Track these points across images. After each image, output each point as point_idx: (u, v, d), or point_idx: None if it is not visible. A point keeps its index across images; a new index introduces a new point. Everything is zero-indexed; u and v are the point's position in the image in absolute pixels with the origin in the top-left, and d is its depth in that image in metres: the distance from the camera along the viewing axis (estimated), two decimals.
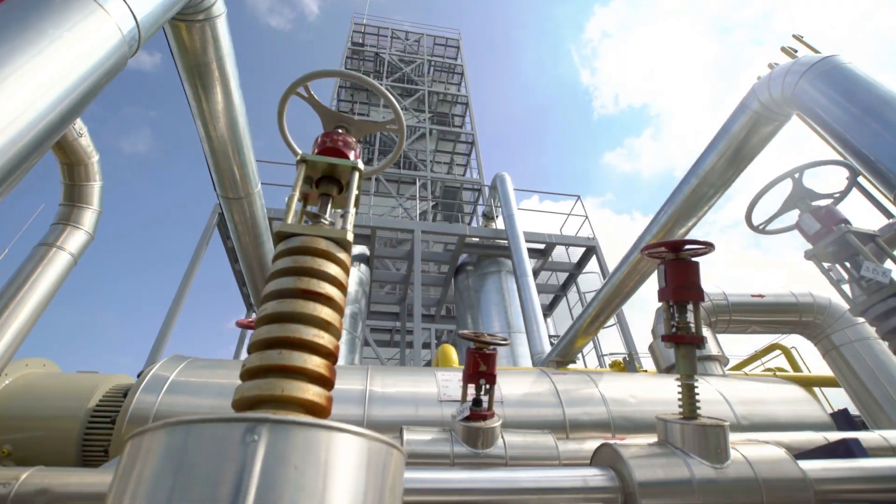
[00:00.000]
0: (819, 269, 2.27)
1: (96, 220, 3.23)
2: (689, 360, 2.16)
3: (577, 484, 1.86)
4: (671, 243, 2.23)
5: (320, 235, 1.42)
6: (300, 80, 1.81)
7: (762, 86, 3.90)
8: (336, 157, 1.72)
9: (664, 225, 5.04)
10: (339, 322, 1.35)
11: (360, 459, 1.00)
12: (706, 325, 4.54)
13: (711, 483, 1.87)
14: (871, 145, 3.05)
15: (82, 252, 3.10)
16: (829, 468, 2.15)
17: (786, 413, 3.73)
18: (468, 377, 2.61)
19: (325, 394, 1.21)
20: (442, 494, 1.74)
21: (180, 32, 3.17)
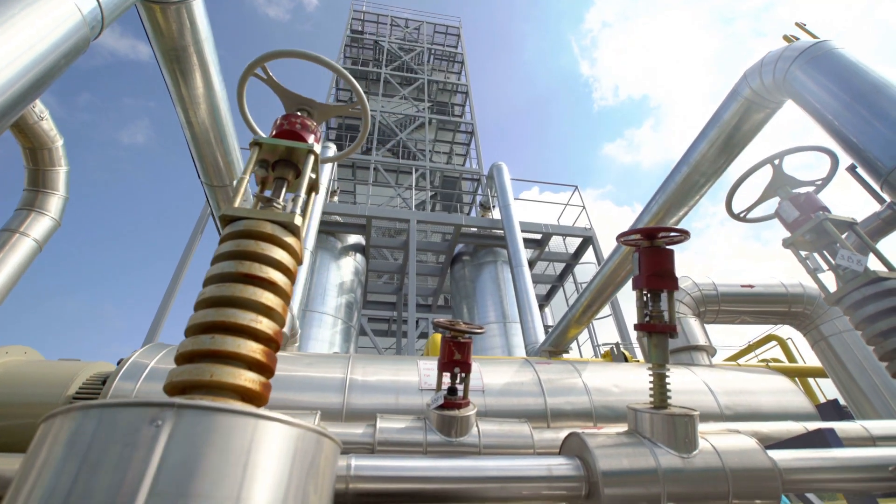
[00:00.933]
0: (797, 258, 2.22)
1: (63, 205, 3.20)
2: (660, 350, 2.13)
3: (541, 473, 1.84)
4: (646, 230, 2.18)
5: (266, 219, 1.38)
6: (257, 61, 1.76)
7: (754, 72, 3.82)
8: (293, 140, 1.68)
9: (655, 214, 4.98)
10: (282, 307, 1.32)
11: (281, 447, 0.98)
12: (695, 315, 4.50)
13: (677, 472, 1.85)
14: (860, 133, 2.99)
15: (48, 238, 3.08)
16: (801, 458, 2.13)
17: (770, 403, 3.71)
18: (443, 366, 2.59)
19: (260, 380, 1.18)
20: (401, 482, 1.72)
21: (155, 15, 3.11)
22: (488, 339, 8.99)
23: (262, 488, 0.91)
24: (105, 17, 2.30)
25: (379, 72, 16.41)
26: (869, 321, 1.88)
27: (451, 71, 19.38)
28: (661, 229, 2.17)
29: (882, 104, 2.91)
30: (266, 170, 1.68)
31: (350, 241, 9.77)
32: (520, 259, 8.48)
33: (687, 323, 4.37)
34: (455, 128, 16.69)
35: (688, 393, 3.68)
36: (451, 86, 18.31)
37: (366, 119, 1.98)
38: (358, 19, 18.82)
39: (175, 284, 7.65)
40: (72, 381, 3.09)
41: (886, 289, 1.86)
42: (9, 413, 2.80)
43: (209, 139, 3.91)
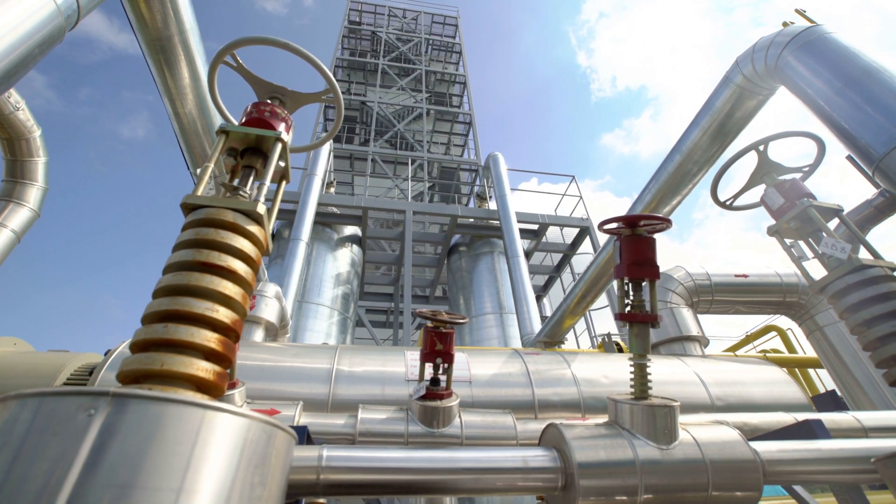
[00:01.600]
0: (781, 246, 2.18)
1: (42, 196, 3.17)
2: (641, 340, 2.09)
3: (516, 464, 1.82)
4: (627, 218, 2.15)
5: (227, 207, 1.35)
6: (225, 49, 1.72)
7: (745, 58, 3.76)
8: (261, 128, 1.65)
9: (648, 203, 4.94)
10: (242, 296, 1.30)
11: (228, 438, 0.95)
12: (687, 306, 4.47)
13: (655, 464, 1.82)
14: (851, 118, 2.93)
15: (26, 229, 3.05)
16: (784, 449, 2.10)
17: (763, 394, 3.68)
18: (424, 356, 2.56)
19: (215, 369, 1.16)
20: (373, 473, 1.71)
21: (138, 5, 3.06)
22: (485, 329, 8.98)
23: (206, 479, 0.89)
24: (81, 7, 2.26)
25: (377, 62, 16.28)
26: (852, 310, 1.85)
27: (449, 61, 19.22)
28: (642, 217, 2.14)
29: (873, 89, 2.85)
30: (235, 158, 1.65)
31: (346, 232, 9.74)
32: (516, 249, 8.45)
33: (679, 313, 4.34)
34: (453, 118, 16.59)
35: (679, 384, 3.66)
36: (449, 76, 18.17)
37: (339, 107, 1.94)
38: (355, 10, 18.65)
39: None
40: (59, 373, 3.09)
41: (870, 277, 1.82)
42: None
43: (197, 130, 3.87)
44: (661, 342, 4.30)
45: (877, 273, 1.82)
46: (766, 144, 2.30)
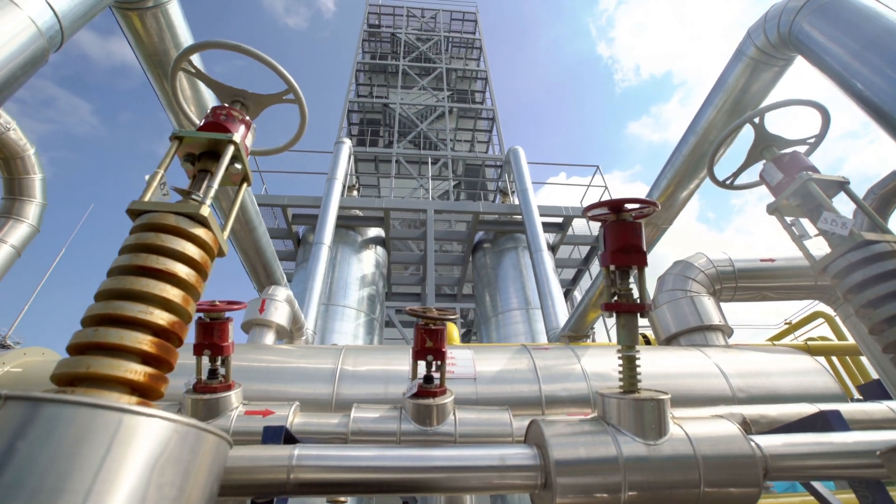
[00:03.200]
0: (781, 225, 2.02)
1: (41, 212, 3.35)
2: (628, 331, 1.99)
3: (492, 462, 1.77)
4: (611, 202, 2.05)
5: (169, 211, 1.37)
6: (181, 56, 1.75)
7: (757, 29, 3.53)
8: (216, 131, 1.66)
9: (665, 189, 4.74)
10: (183, 298, 1.30)
11: (141, 440, 0.95)
12: (709, 294, 4.24)
13: (640, 461, 1.73)
14: (872, 83, 2.70)
15: (26, 244, 3.23)
16: (791, 443, 1.95)
17: (790, 385, 3.45)
18: (415, 354, 2.54)
19: (148, 371, 1.17)
20: (344, 472, 1.70)
21: (133, 22, 3.17)
22: (511, 326, 8.87)
23: (118, 481, 0.90)
24: (65, 28, 2.35)
25: (397, 64, 16.38)
26: (856, 290, 1.69)
27: (470, 58, 19.09)
28: (626, 200, 2.03)
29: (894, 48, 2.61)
30: (192, 163, 1.67)
31: (370, 234, 9.84)
32: (539, 243, 8.30)
33: (700, 302, 4.12)
34: (476, 115, 16.47)
35: (697, 376, 3.47)
36: (471, 73, 18.05)
37: (301, 106, 1.94)
38: (374, 13, 18.82)
39: None
40: None
41: (875, 253, 1.66)
42: None
43: None
44: (681, 332, 4.10)
45: (882, 249, 1.66)
46: (761, 116, 2.13)
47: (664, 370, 3.52)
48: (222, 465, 1.18)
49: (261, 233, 5.05)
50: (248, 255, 5.17)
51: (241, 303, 2.58)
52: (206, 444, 1.08)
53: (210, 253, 1.45)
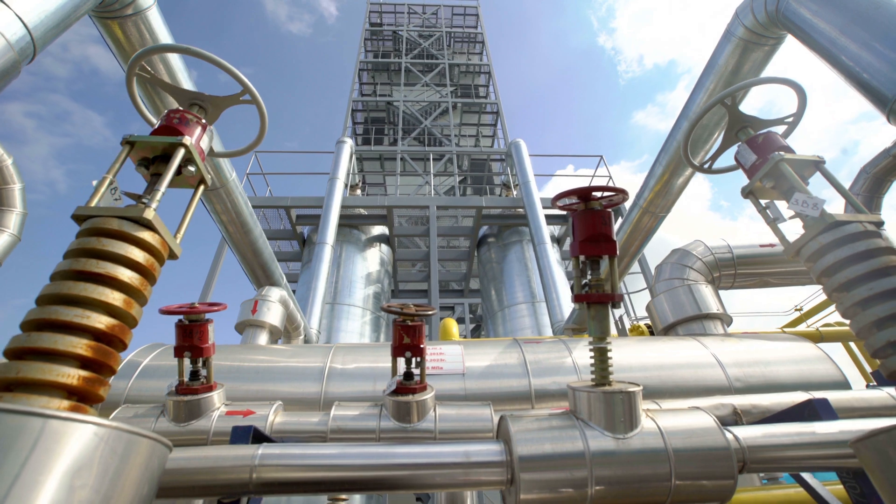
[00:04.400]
0: (756, 208, 1.95)
1: (21, 221, 3.41)
2: (599, 322, 1.95)
3: (457, 459, 1.75)
4: (579, 191, 2.00)
5: (112, 215, 1.37)
6: (134, 62, 1.75)
7: (745, 8, 3.43)
8: (168, 135, 1.66)
9: (660, 176, 4.64)
10: (125, 302, 1.31)
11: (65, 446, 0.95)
12: (707, 282, 4.15)
13: (608, 455, 1.69)
14: (859, 58, 2.60)
15: (7, 253, 3.29)
16: (771, 434, 1.90)
17: (790, 373, 3.36)
18: (394, 350, 2.53)
19: (85, 375, 1.17)
20: (306, 471, 1.69)
21: (114, 31, 3.20)
22: (517, 319, 8.82)
23: (36, 490, 0.90)
24: (36, 40, 2.37)
25: (399, 62, 16.35)
26: (828, 273, 1.62)
27: (473, 52, 18.97)
28: (594, 188, 1.98)
29: (882, 22, 2.51)
30: (147, 168, 1.67)
31: (374, 232, 9.87)
32: (542, 236, 8.22)
33: (698, 290, 4.02)
34: (480, 109, 16.37)
35: (692, 367, 3.41)
36: (474, 67, 17.94)
37: (259, 107, 1.93)
38: (376, 11, 18.80)
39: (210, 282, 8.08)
40: None
41: (846, 234, 1.59)
42: None
43: None
44: (678, 322, 4.02)
45: (854, 229, 1.58)
46: (733, 97, 2.06)
47: (659, 361, 3.45)
48: (158, 468, 1.18)
49: (256, 234, 5.09)
50: (246, 257, 5.22)
51: (221, 304, 2.59)
52: (137, 449, 1.08)
53: (158, 256, 1.45)
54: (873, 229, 1.60)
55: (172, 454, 1.56)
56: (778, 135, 1.99)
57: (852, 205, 1.73)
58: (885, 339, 1.45)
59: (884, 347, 1.47)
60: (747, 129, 2.09)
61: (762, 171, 1.87)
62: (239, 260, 5.28)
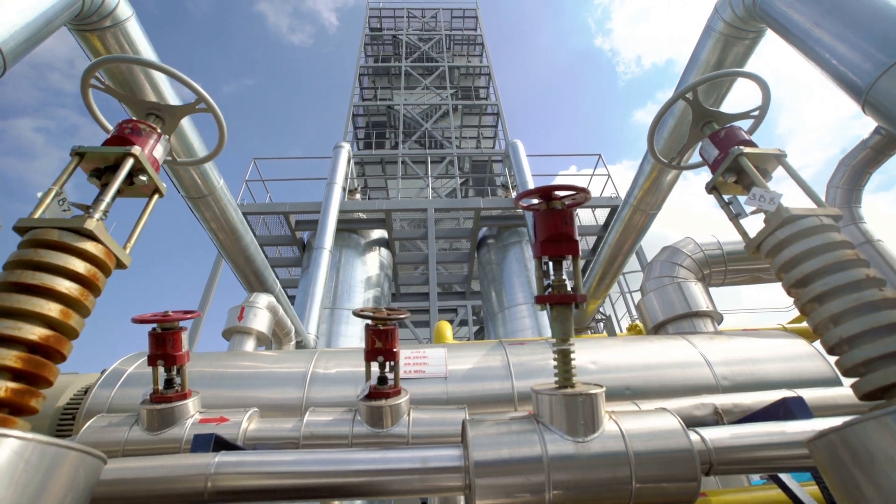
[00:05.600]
0: (719, 203, 1.91)
1: None
2: (561, 323, 1.93)
3: (415, 465, 1.73)
4: (542, 189, 1.98)
5: (51, 226, 1.38)
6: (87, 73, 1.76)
7: (724, 2, 3.39)
8: (119, 145, 1.67)
9: (649, 174, 4.59)
10: (62, 313, 1.31)
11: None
12: (697, 280, 4.09)
13: (566, 459, 1.66)
14: (834, 49, 2.55)
15: None
16: (739, 434, 1.86)
17: (779, 371, 3.30)
18: (367, 355, 2.52)
19: (14, 387, 1.17)
20: (262, 478, 1.68)
21: (93, 42, 3.25)
22: (518, 321, 8.77)
23: None
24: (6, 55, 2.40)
25: (399, 65, 16.40)
26: (786, 268, 1.57)
27: (472, 54, 18.97)
28: (555, 187, 1.96)
29: (854, 12, 2.47)
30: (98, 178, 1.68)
31: (374, 236, 9.88)
32: None
33: (688, 288, 3.96)
34: (481, 111, 16.36)
35: (680, 366, 3.35)
36: (474, 69, 17.93)
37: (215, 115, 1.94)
38: (375, 17, 18.88)
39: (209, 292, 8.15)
40: (62, 394, 3.35)
41: (803, 228, 1.55)
42: None
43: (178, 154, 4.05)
44: (668, 320, 3.97)
45: (811, 223, 1.54)
46: (694, 91, 2.02)
47: (645, 360, 3.41)
48: (86, 481, 1.17)
49: (248, 241, 5.12)
50: (238, 264, 5.25)
51: (195, 312, 2.60)
52: (63, 462, 1.08)
53: (102, 266, 1.45)
54: (830, 223, 1.56)
55: (118, 464, 1.56)
56: (740, 129, 1.95)
57: (814, 199, 1.69)
58: (840, 335, 1.41)
59: (839, 344, 1.42)
60: (712, 124, 2.06)
61: (723, 165, 1.83)
62: (231, 267, 5.31)
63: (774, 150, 1.82)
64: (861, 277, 1.43)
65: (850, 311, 1.41)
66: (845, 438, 1.24)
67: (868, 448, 1.19)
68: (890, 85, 2.28)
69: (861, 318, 1.38)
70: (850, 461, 1.22)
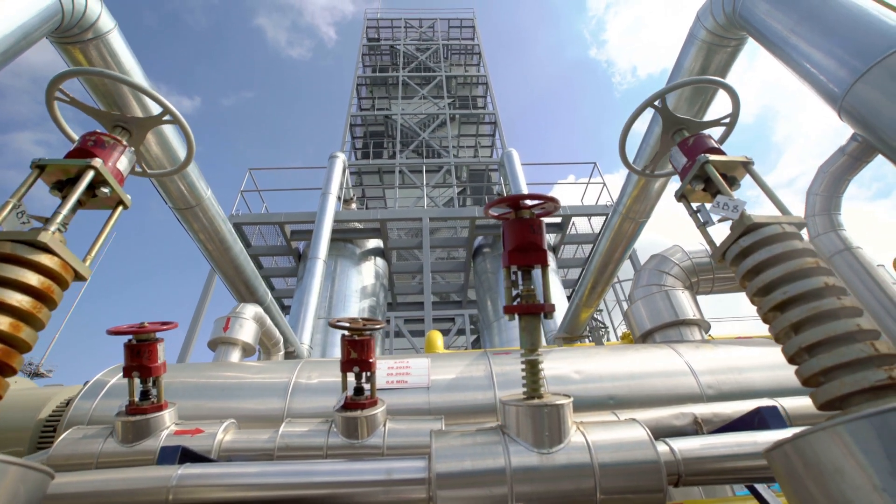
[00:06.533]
0: (688, 211, 1.90)
1: None
2: (529, 333, 1.92)
3: (379, 476, 1.71)
4: (510, 198, 1.97)
5: (5, 239, 1.38)
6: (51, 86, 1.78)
7: (705, 11, 3.41)
8: (80, 157, 1.68)
9: (637, 182, 4.58)
10: (12, 325, 1.30)
11: None
12: (685, 288, 4.06)
13: (530, 471, 1.65)
14: (809, 56, 2.56)
15: None
16: (711, 445, 1.84)
17: (765, 379, 3.26)
18: (342, 366, 2.50)
19: None
20: (224, 490, 1.67)
21: (75, 55, 3.27)
22: (513, 329, 8.73)
23: None
24: None
25: (397, 75, 16.53)
26: (748, 277, 1.57)
27: (470, 63, 19.12)
28: (523, 196, 1.95)
29: (830, 18, 2.47)
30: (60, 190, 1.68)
31: (369, 245, 9.89)
32: None
33: (675, 296, 3.94)
34: (479, 120, 16.44)
35: (665, 375, 3.33)
36: (471, 78, 18.06)
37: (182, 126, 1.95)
38: (373, 27, 19.08)
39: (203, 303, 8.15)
40: (44, 406, 3.34)
41: (764, 237, 1.54)
42: None
43: (163, 166, 4.07)
44: (655, 328, 3.94)
45: (773, 231, 1.53)
46: (662, 99, 2.02)
47: (630, 370, 3.38)
48: (27, 496, 1.16)
49: (237, 251, 5.13)
50: (227, 274, 5.25)
51: (172, 323, 2.60)
52: (4, 478, 1.07)
53: (58, 279, 1.45)
54: (793, 230, 1.55)
55: (74, 478, 1.55)
56: (709, 137, 1.95)
57: (779, 208, 1.68)
58: (798, 344, 1.39)
59: (799, 353, 1.41)
60: (682, 132, 2.06)
61: (690, 173, 1.83)
62: (221, 277, 5.32)
63: (741, 158, 1.81)
64: (820, 286, 1.41)
65: (808, 319, 1.40)
66: (798, 448, 1.22)
67: (820, 458, 1.17)
68: (864, 91, 2.28)
69: (819, 327, 1.37)
70: (803, 472, 1.20)
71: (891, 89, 2.21)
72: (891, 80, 2.21)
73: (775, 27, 2.78)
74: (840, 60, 2.40)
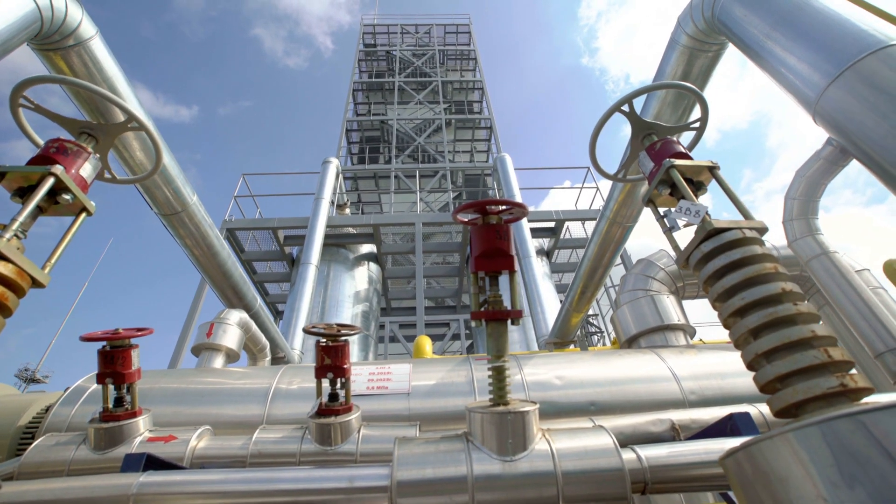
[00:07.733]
0: (654, 216, 1.90)
1: None
2: (496, 340, 1.90)
3: (341, 484, 1.70)
4: (478, 204, 1.97)
5: None
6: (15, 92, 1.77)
7: (685, 16, 3.42)
8: (42, 164, 1.68)
9: (623, 187, 4.57)
10: None
11: None
12: (671, 293, 4.05)
13: (492, 479, 1.63)
14: (784, 61, 2.56)
15: None
16: (678, 452, 1.82)
17: (746, 385, 3.24)
18: (316, 372, 2.49)
19: None
20: (189, 498, 1.65)
21: (56, 62, 3.27)
22: None
23: None
24: None
25: (393, 81, 16.59)
26: (710, 282, 1.56)
27: (466, 69, 19.19)
28: (491, 202, 1.95)
29: (804, 22, 2.48)
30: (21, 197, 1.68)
31: (363, 250, 9.88)
32: (527, 249, 8.16)
33: (660, 301, 3.93)
34: (474, 125, 16.48)
35: (647, 381, 3.31)
36: (467, 84, 18.12)
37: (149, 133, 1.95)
38: (369, 33, 19.17)
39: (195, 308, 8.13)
40: (24, 412, 3.32)
41: (725, 242, 1.53)
42: None
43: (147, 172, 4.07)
44: (640, 333, 3.92)
45: (734, 236, 1.53)
46: (629, 103, 2.02)
47: (612, 375, 3.36)
48: None
49: (224, 256, 5.11)
50: (215, 280, 5.23)
51: (147, 329, 2.59)
52: None
53: (13, 286, 1.44)
54: (754, 235, 1.54)
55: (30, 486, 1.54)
56: (677, 141, 1.94)
57: (742, 212, 1.67)
58: (756, 350, 1.38)
59: (756, 359, 1.40)
60: (651, 136, 2.05)
61: (657, 178, 1.83)
62: (208, 282, 5.30)
63: (706, 162, 1.81)
64: (777, 291, 1.40)
65: (765, 325, 1.39)
66: (750, 456, 1.21)
67: (771, 466, 1.16)
68: (837, 95, 2.28)
69: (775, 333, 1.36)
70: (754, 479, 1.19)
71: (863, 93, 2.21)
72: (862, 84, 2.21)
73: (752, 31, 2.78)
74: (813, 65, 2.40)
